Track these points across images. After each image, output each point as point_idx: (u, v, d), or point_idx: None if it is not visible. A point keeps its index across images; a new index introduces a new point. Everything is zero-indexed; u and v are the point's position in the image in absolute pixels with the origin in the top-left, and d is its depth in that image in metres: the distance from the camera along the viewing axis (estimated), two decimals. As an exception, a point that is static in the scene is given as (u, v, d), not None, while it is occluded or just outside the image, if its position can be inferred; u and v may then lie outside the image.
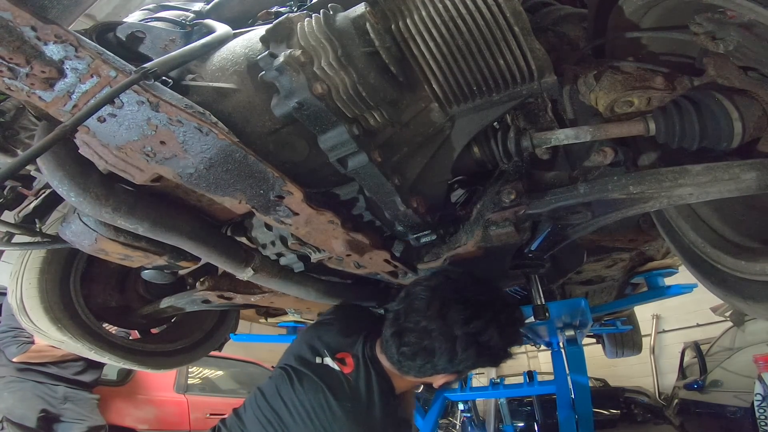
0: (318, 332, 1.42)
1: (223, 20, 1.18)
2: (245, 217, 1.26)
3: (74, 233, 1.19)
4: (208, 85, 0.97)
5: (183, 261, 1.36)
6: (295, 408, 1.24)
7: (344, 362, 1.28)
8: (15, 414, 2.76)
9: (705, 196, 0.98)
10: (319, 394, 1.22)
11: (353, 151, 0.92)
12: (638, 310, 4.76)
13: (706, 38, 0.88)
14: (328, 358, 1.29)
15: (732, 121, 0.92)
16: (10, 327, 2.79)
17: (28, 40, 0.72)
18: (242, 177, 0.95)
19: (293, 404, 1.24)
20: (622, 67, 1.05)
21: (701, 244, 1.21)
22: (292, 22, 0.89)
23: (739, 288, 1.09)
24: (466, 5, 0.85)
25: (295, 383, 1.27)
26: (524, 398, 6.21)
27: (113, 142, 0.87)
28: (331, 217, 1.07)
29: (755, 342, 4.12)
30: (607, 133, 1.01)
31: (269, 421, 1.26)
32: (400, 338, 1.18)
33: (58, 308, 1.58)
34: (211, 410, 4.44)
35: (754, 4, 0.73)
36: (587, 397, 2.73)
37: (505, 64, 0.90)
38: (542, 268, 1.51)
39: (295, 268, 1.38)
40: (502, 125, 1.13)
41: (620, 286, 2.87)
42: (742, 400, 3.48)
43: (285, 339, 3.12)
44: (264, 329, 6.48)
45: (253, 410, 1.31)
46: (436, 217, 1.21)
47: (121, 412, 3.74)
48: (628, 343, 4.98)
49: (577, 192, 1.08)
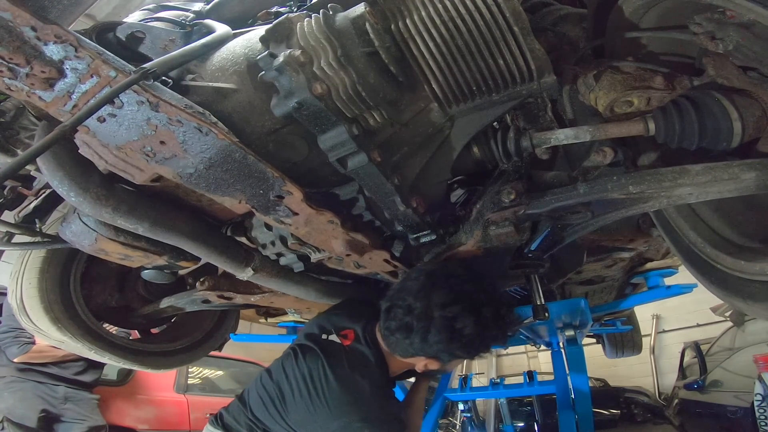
0: (328, 315, 1.51)
1: (222, 20, 1.18)
2: (245, 217, 1.26)
3: (74, 233, 1.19)
4: (208, 85, 0.97)
5: (183, 261, 1.37)
6: (295, 378, 1.31)
7: (346, 337, 1.37)
8: (15, 414, 2.76)
9: (705, 196, 0.98)
10: (318, 361, 1.29)
11: (353, 151, 0.92)
12: (638, 310, 4.76)
13: (705, 38, 0.88)
14: (333, 335, 1.38)
15: (732, 121, 0.92)
16: (11, 327, 2.78)
17: (28, 40, 0.72)
18: (242, 177, 0.95)
19: (294, 376, 1.32)
20: (621, 67, 1.05)
21: (701, 244, 1.21)
22: (292, 22, 0.89)
23: (738, 288, 1.09)
24: (465, 5, 0.85)
25: (299, 357, 1.35)
26: (524, 398, 6.20)
27: (113, 142, 0.87)
28: (331, 217, 1.07)
29: (755, 342, 4.12)
30: (606, 133, 1.01)
31: (270, 398, 1.34)
32: (388, 313, 1.25)
33: (58, 308, 1.58)
34: (211, 410, 4.43)
35: (754, 4, 0.73)
36: (587, 397, 2.73)
37: (504, 64, 0.90)
38: (542, 268, 1.51)
39: (295, 268, 1.38)
40: (501, 125, 1.14)
41: (620, 286, 2.87)
42: (742, 400, 3.48)
43: (285, 339, 3.11)
44: (264, 329, 6.48)
45: (257, 390, 1.39)
46: (435, 217, 1.21)
47: (121, 412, 3.73)
48: (628, 343, 4.98)
49: (576, 192, 1.08)
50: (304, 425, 1.30)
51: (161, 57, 0.89)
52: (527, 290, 1.75)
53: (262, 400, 1.36)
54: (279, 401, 1.32)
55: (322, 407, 1.24)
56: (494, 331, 1.22)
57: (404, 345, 1.23)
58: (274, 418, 1.33)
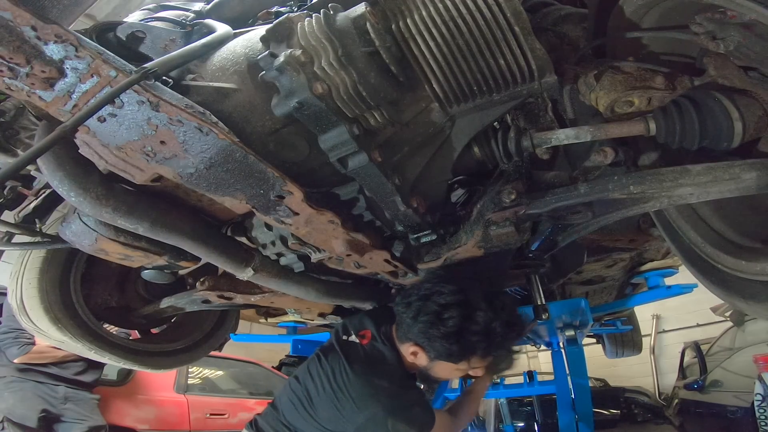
0: (351, 319, 1.62)
1: (223, 20, 1.18)
2: (245, 217, 1.26)
3: (74, 233, 1.19)
4: (209, 85, 0.97)
5: (183, 261, 1.36)
6: (320, 378, 1.41)
7: (364, 337, 1.49)
8: (16, 414, 2.76)
9: (705, 196, 0.98)
10: (339, 361, 1.40)
11: (353, 151, 0.92)
12: (638, 310, 4.75)
13: (706, 38, 0.88)
14: (353, 335, 1.50)
15: (732, 121, 0.92)
16: (11, 328, 2.78)
17: (28, 40, 0.72)
18: (242, 177, 0.95)
19: (318, 376, 1.42)
20: (622, 67, 1.04)
21: (701, 243, 1.21)
22: (293, 22, 0.89)
23: (739, 288, 1.09)
24: (466, 5, 0.85)
25: (322, 359, 1.46)
26: (524, 398, 6.20)
27: (113, 142, 0.87)
28: (331, 217, 1.07)
29: (755, 342, 4.11)
30: (607, 133, 1.01)
31: (299, 400, 1.44)
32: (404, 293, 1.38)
33: (58, 308, 1.58)
34: (211, 410, 4.43)
35: (755, 4, 0.73)
36: (587, 397, 2.73)
37: (505, 64, 0.90)
38: (542, 268, 1.51)
39: (295, 268, 1.38)
40: (502, 125, 1.13)
41: (620, 286, 2.88)
42: (742, 400, 3.47)
43: (285, 339, 3.11)
44: (264, 329, 6.49)
45: (288, 395, 1.49)
46: (436, 217, 1.21)
47: (121, 412, 3.73)
48: (628, 343, 4.98)
49: (577, 192, 1.08)
50: (333, 421, 1.37)
51: (162, 57, 0.89)
52: (527, 290, 1.76)
53: (292, 404, 1.45)
54: (307, 402, 1.41)
55: (347, 401, 1.32)
56: (477, 337, 1.25)
57: (403, 322, 1.34)
58: (305, 419, 1.41)
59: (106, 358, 1.74)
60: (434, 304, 1.26)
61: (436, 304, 1.26)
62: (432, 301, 1.27)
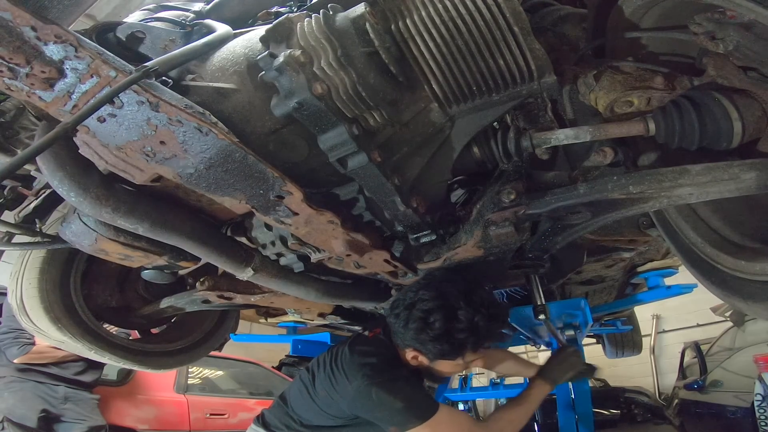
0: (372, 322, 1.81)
1: (223, 20, 1.18)
2: (245, 217, 1.26)
3: (74, 233, 1.19)
4: (208, 85, 0.97)
5: (183, 261, 1.36)
6: (325, 363, 1.49)
7: (372, 332, 1.60)
8: (15, 414, 2.76)
9: (705, 196, 0.98)
10: (345, 347, 1.48)
11: (353, 151, 0.92)
12: (638, 310, 4.75)
13: (705, 38, 0.88)
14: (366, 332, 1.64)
15: (732, 121, 0.92)
16: (11, 328, 2.78)
17: (28, 40, 0.72)
18: (242, 177, 0.95)
19: (324, 362, 1.51)
20: (621, 67, 1.04)
21: (701, 243, 1.21)
22: (292, 22, 0.89)
23: (739, 288, 1.08)
24: (465, 5, 0.85)
25: (332, 349, 1.54)
26: (524, 398, 6.19)
27: (113, 142, 0.87)
28: (331, 217, 1.07)
29: (755, 342, 4.11)
30: (606, 133, 1.01)
31: (305, 386, 1.52)
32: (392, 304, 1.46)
33: (58, 308, 1.58)
34: (211, 410, 4.43)
35: (754, 4, 0.73)
36: (587, 397, 2.73)
37: (504, 65, 0.90)
38: (542, 268, 1.51)
39: (295, 268, 1.38)
40: (501, 125, 1.13)
41: (620, 286, 2.87)
42: (742, 400, 3.47)
43: (285, 339, 3.11)
44: (264, 329, 6.49)
45: (297, 385, 1.58)
46: (435, 217, 1.21)
47: (121, 412, 3.73)
48: (628, 343, 4.97)
49: (577, 192, 1.08)
50: (330, 402, 1.43)
51: (161, 57, 0.89)
52: (527, 290, 1.75)
53: (299, 392, 1.53)
54: (311, 386, 1.49)
55: (341, 376, 1.40)
56: (464, 334, 1.33)
57: (397, 332, 1.42)
58: (308, 405, 1.49)
59: (106, 358, 1.74)
60: (419, 311, 1.34)
61: (420, 311, 1.34)
62: (417, 309, 1.35)
